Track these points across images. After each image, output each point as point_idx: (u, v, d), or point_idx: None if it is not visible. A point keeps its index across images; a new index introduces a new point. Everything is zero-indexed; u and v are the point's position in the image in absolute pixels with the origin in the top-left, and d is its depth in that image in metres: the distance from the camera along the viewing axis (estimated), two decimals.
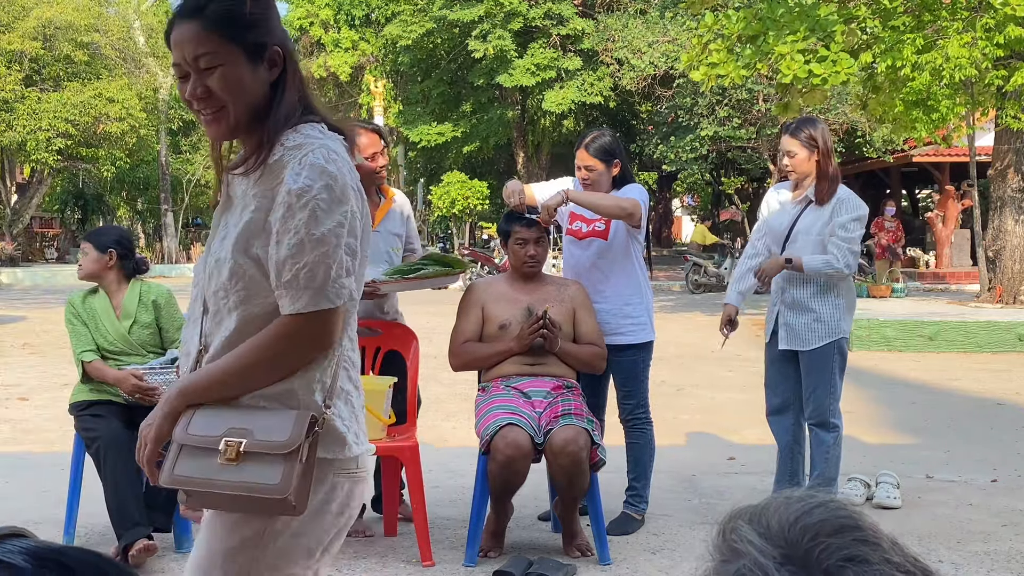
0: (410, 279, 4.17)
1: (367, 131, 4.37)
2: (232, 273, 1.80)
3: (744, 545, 0.76)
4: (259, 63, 1.80)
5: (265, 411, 1.78)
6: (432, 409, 7.16)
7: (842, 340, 4.51)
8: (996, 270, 13.47)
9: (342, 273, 1.76)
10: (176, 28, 1.80)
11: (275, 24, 1.85)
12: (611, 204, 4.32)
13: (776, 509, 0.78)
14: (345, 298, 1.77)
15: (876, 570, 0.72)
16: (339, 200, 1.75)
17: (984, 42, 10.08)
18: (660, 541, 4.29)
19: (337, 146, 1.81)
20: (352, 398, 1.90)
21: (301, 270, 1.73)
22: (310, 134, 1.81)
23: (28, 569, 0.66)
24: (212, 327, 1.86)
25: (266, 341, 1.76)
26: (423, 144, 27.74)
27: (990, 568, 3.95)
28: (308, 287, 1.73)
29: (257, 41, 1.80)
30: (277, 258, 1.75)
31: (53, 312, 14.70)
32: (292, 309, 1.75)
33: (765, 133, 22.23)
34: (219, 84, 1.78)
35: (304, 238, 1.73)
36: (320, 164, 1.75)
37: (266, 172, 1.79)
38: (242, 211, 1.82)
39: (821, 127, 4.55)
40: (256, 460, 1.73)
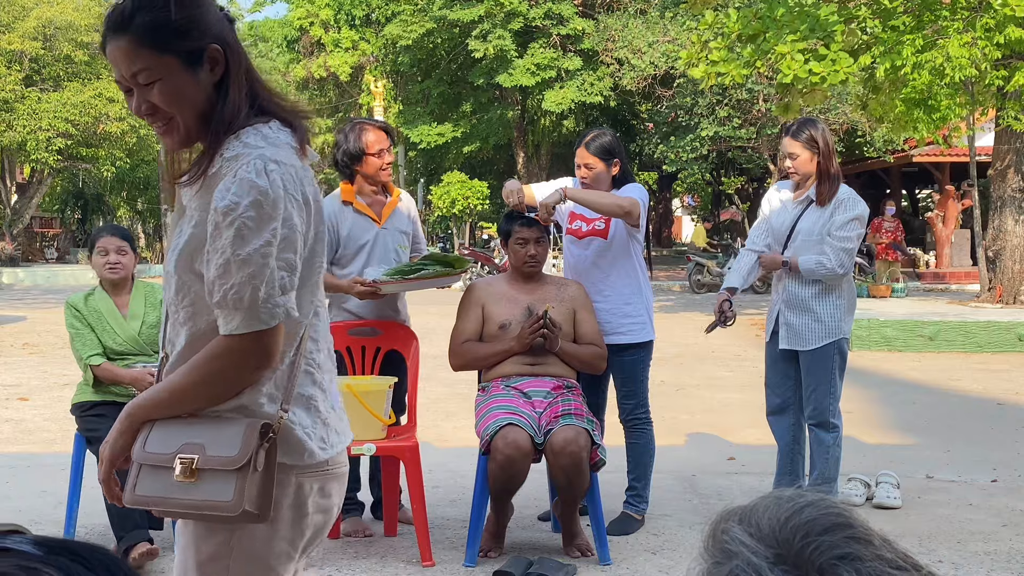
0: (411, 279, 4.17)
1: (374, 128, 4.36)
2: (178, 289, 1.79)
3: (736, 546, 0.76)
4: (199, 67, 1.73)
5: (219, 423, 1.76)
6: (432, 409, 7.16)
7: (842, 340, 4.51)
8: (996, 270, 13.47)
9: (275, 292, 1.70)
10: (109, 44, 1.74)
11: (209, 21, 1.75)
12: (609, 202, 4.32)
13: (766, 509, 0.78)
14: (280, 317, 1.71)
15: (869, 567, 0.72)
16: (268, 217, 1.69)
17: (984, 42, 10.07)
18: (660, 541, 4.29)
19: (279, 153, 1.74)
20: (317, 403, 1.85)
21: (229, 291, 1.69)
22: (250, 142, 1.74)
23: (39, 555, 0.68)
24: (171, 335, 1.85)
25: (206, 361, 1.74)
26: (423, 145, 27.73)
27: (990, 568, 3.95)
28: (237, 308, 1.69)
29: (191, 47, 1.72)
30: (208, 278, 1.72)
31: (53, 312, 14.70)
32: (226, 330, 1.72)
33: (765, 133, 22.23)
34: (161, 98, 1.73)
35: (230, 258, 1.68)
36: (250, 179, 1.69)
37: (205, 184, 1.75)
38: (187, 223, 1.79)
39: (822, 128, 4.56)
40: (211, 476, 1.72)
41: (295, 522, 1.82)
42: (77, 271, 23.44)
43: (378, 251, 4.33)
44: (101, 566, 0.69)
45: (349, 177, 4.40)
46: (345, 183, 4.42)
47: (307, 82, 32.19)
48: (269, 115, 1.80)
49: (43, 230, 33.88)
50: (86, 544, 0.71)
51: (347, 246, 4.32)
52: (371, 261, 4.30)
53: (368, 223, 4.36)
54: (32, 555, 0.68)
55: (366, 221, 4.36)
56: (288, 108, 1.83)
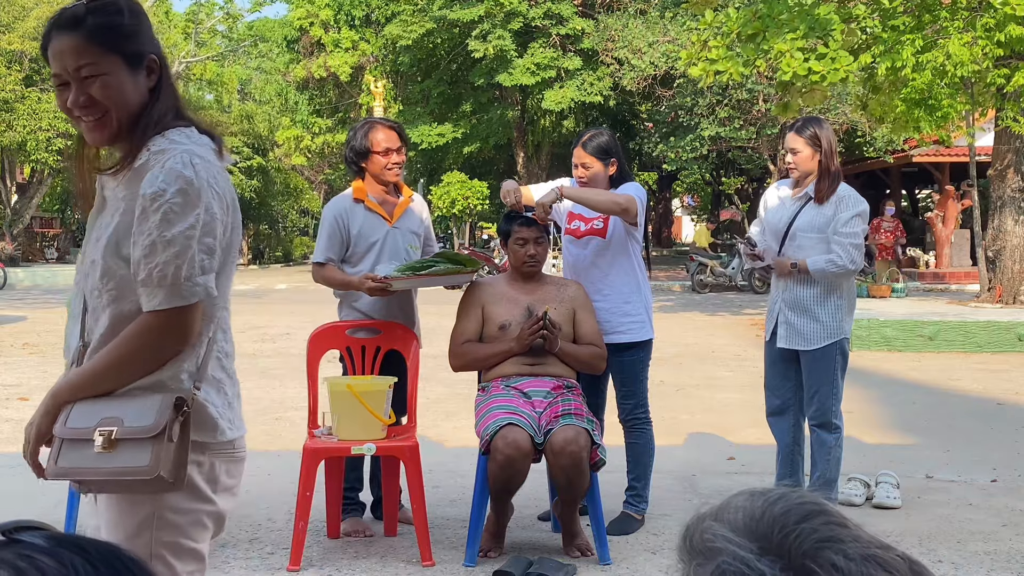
0: (422, 276, 4.17)
1: (385, 127, 4.37)
2: (103, 273, 1.92)
3: (720, 542, 0.76)
4: (139, 70, 1.91)
5: (136, 399, 1.91)
6: (432, 409, 7.16)
7: (843, 341, 4.52)
8: (996, 270, 13.47)
9: (195, 272, 1.86)
10: (56, 39, 1.88)
11: (150, 34, 1.96)
12: (605, 199, 4.32)
13: (739, 508, 0.79)
14: (200, 295, 1.88)
15: (851, 547, 0.74)
16: (192, 204, 1.85)
17: (984, 41, 10.08)
18: (660, 541, 4.29)
19: (203, 151, 1.91)
20: (224, 387, 2.02)
21: (154, 269, 1.85)
22: (175, 139, 1.91)
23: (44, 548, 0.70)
24: (90, 324, 1.98)
25: (128, 338, 1.88)
26: (423, 145, 27.74)
27: (990, 568, 3.95)
28: (161, 285, 1.85)
29: (136, 50, 1.91)
30: (134, 258, 1.87)
31: (53, 312, 14.72)
32: (149, 306, 1.87)
33: (765, 133, 22.23)
34: (101, 92, 1.88)
35: (156, 239, 1.84)
36: (177, 169, 1.85)
37: (133, 175, 1.90)
38: (113, 213, 1.93)
39: (826, 127, 4.57)
40: (129, 446, 1.86)
41: (209, 496, 1.97)
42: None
43: (388, 250, 4.33)
44: (105, 562, 0.69)
45: (358, 174, 4.41)
46: (357, 180, 4.43)
47: (307, 82, 32.17)
48: (189, 123, 1.97)
49: (43, 230, 33.88)
50: (97, 541, 0.73)
51: (357, 244, 4.33)
52: (381, 260, 4.30)
53: (379, 221, 4.36)
54: (37, 547, 0.69)
55: (377, 219, 4.36)
56: (205, 122, 2.03)
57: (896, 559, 0.74)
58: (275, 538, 4.24)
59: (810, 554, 0.73)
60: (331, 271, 4.32)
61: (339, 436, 4.00)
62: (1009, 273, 13.14)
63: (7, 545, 0.70)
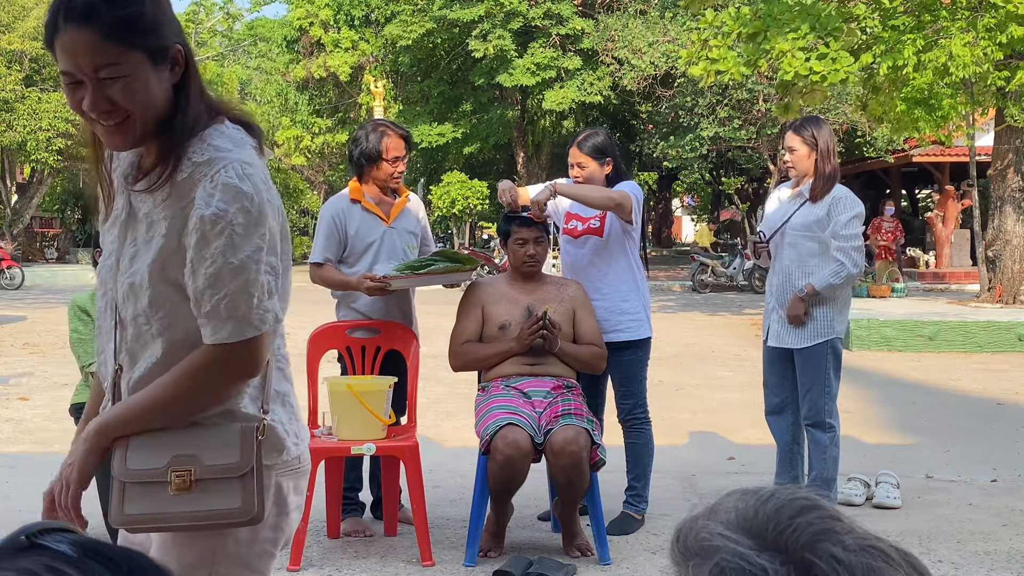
0: (421, 274, 4.17)
1: (396, 135, 4.35)
2: (152, 302, 1.72)
3: (717, 540, 0.76)
4: (163, 65, 1.66)
5: (205, 429, 1.72)
6: (432, 409, 7.16)
7: (835, 340, 4.51)
8: (996, 270, 13.46)
9: (264, 297, 1.68)
10: (65, 32, 1.59)
11: (173, 21, 1.69)
12: (600, 195, 4.32)
13: (732, 507, 0.79)
14: (270, 322, 1.69)
15: (846, 539, 0.74)
16: (256, 222, 1.66)
17: (986, 41, 10.07)
18: (660, 541, 4.29)
19: (248, 155, 1.71)
20: (289, 398, 1.85)
21: (221, 301, 1.65)
22: (219, 145, 1.69)
23: (70, 556, 0.68)
24: (134, 347, 1.77)
25: (191, 371, 1.68)
26: (423, 145, 27.74)
27: (990, 568, 3.95)
28: (231, 317, 1.65)
29: (160, 44, 1.64)
30: (195, 288, 1.67)
31: (53, 312, 14.71)
32: (214, 339, 1.67)
33: (765, 133, 22.23)
34: (123, 95, 1.62)
35: (222, 267, 1.64)
36: (234, 184, 1.65)
37: (175, 190, 1.68)
38: (149, 230, 1.72)
39: (825, 128, 4.57)
40: (211, 485, 1.69)
41: (277, 521, 1.80)
42: (77, 271, 23.44)
43: (385, 250, 4.33)
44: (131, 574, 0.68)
45: (360, 175, 4.40)
46: (355, 181, 4.42)
47: (307, 82, 32.16)
48: (220, 114, 1.75)
49: (43, 230, 33.86)
50: (125, 550, 0.71)
51: (355, 245, 4.32)
52: (379, 260, 4.30)
53: (376, 222, 4.36)
54: (64, 555, 0.67)
55: (374, 220, 4.36)
56: (236, 109, 1.80)
57: (891, 549, 0.75)
58: None
59: (808, 547, 0.73)
60: (329, 271, 4.31)
61: (339, 436, 4.00)
62: (1009, 273, 13.13)
63: (31, 550, 0.68)
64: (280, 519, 1.81)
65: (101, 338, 1.85)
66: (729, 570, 0.74)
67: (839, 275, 4.43)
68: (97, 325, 1.88)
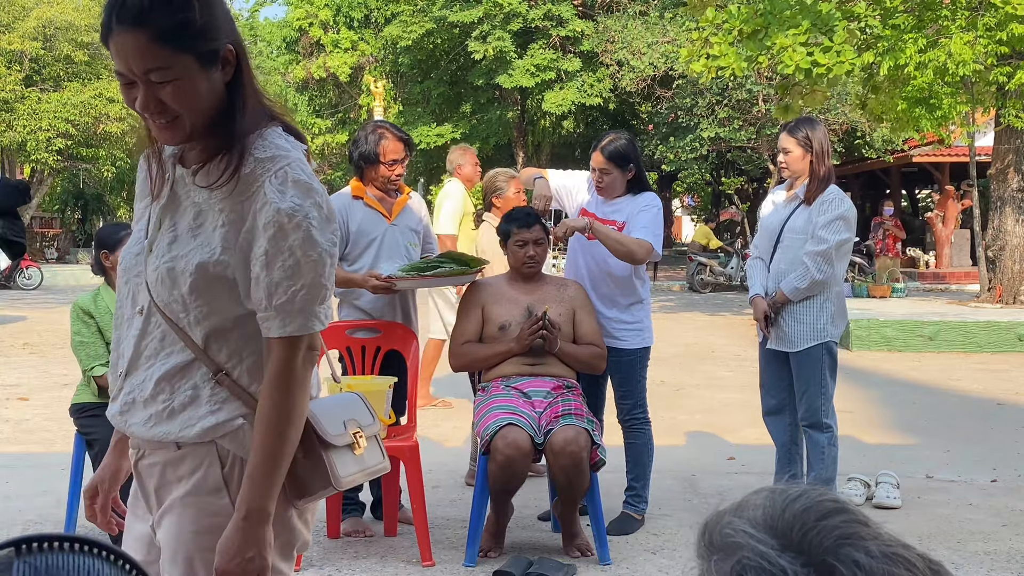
0: (427, 276, 4.18)
1: (395, 138, 4.35)
2: (193, 288, 1.71)
3: (742, 537, 0.76)
4: (213, 67, 1.66)
5: (337, 398, 2.00)
6: (432, 409, 7.16)
7: (831, 343, 4.49)
8: (996, 270, 13.46)
9: (328, 296, 1.73)
10: (118, 35, 1.61)
11: (225, 21, 1.69)
12: (624, 250, 4.29)
13: (759, 504, 0.79)
14: (329, 318, 1.75)
15: (872, 545, 0.74)
16: (328, 218, 1.71)
17: (986, 40, 10.08)
18: (660, 541, 4.29)
19: (301, 156, 1.74)
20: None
21: (298, 292, 1.67)
22: (279, 144, 1.72)
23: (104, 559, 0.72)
24: (156, 337, 1.76)
25: (275, 375, 1.69)
26: (423, 145, 27.74)
27: (990, 568, 3.95)
28: (303, 309, 1.68)
29: (211, 48, 1.65)
30: (269, 280, 1.67)
31: (53, 312, 14.71)
32: (283, 332, 1.68)
33: (765, 134, 22.22)
34: (173, 97, 1.63)
35: (301, 259, 1.67)
36: (305, 181, 1.69)
37: (239, 184, 1.69)
38: (197, 218, 1.73)
39: (820, 129, 4.56)
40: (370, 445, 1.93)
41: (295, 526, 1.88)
42: (77, 271, 23.41)
43: (387, 247, 4.33)
44: None
45: (360, 175, 4.41)
46: (355, 179, 4.44)
47: (307, 83, 32.16)
48: (275, 119, 1.77)
49: (43, 230, 33.85)
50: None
51: (356, 241, 4.33)
52: (380, 257, 4.30)
53: (378, 218, 4.36)
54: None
55: (376, 216, 4.36)
56: (289, 116, 1.83)
57: (917, 558, 0.74)
58: None
59: (831, 551, 0.73)
60: None
61: None
62: (1009, 273, 13.13)
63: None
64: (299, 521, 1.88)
65: (120, 328, 1.84)
66: (749, 568, 0.74)
67: (803, 279, 4.40)
68: (116, 315, 1.87)
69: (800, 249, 4.46)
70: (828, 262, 4.39)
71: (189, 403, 1.73)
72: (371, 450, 1.93)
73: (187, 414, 1.73)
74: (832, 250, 4.38)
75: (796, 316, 4.49)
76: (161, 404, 1.74)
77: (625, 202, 4.49)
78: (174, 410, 1.74)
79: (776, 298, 4.49)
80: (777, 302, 4.48)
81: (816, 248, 4.38)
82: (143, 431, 1.76)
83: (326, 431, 1.81)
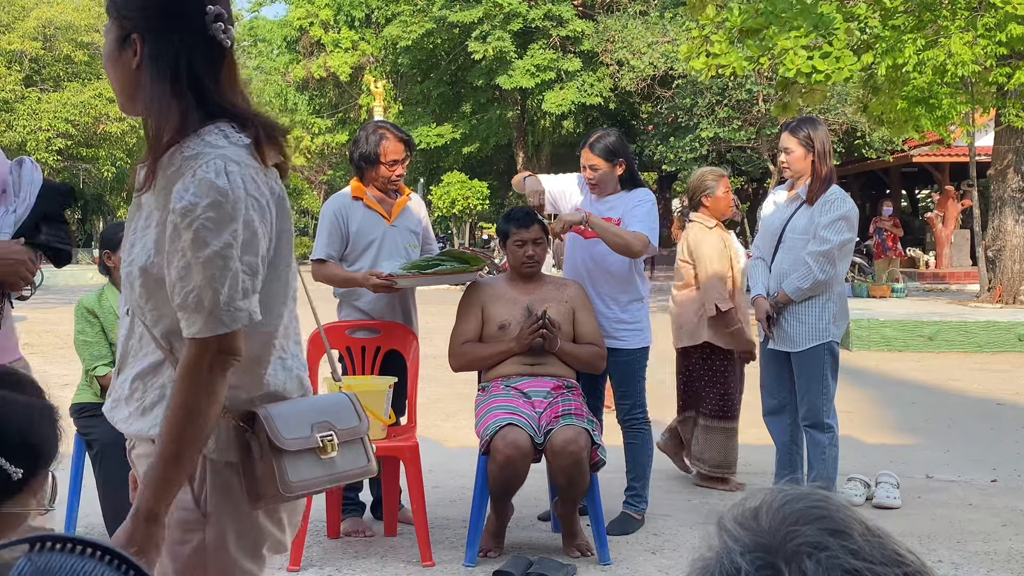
0: (427, 274, 4.18)
1: (396, 138, 4.35)
2: (142, 292, 1.76)
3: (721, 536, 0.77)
4: (126, 49, 1.74)
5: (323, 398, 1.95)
6: (432, 409, 7.16)
7: (832, 343, 4.49)
8: (996, 270, 13.47)
9: (236, 295, 1.67)
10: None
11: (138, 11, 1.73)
12: (621, 242, 4.30)
13: (764, 502, 0.80)
14: (242, 321, 1.68)
15: (830, 555, 0.73)
16: (229, 217, 1.65)
17: (985, 40, 10.08)
18: (660, 541, 4.29)
19: (238, 153, 1.71)
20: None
21: (190, 294, 1.66)
22: (209, 141, 1.70)
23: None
24: (132, 339, 1.83)
25: (182, 372, 1.69)
26: (423, 146, 27.76)
27: (990, 568, 3.95)
28: (198, 311, 1.66)
29: (126, 29, 1.74)
30: (169, 280, 1.69)
31: (53, 312, 14.71)
32: (188, 333, 1.68)
33: (765, 134, 22.22)
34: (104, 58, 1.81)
35: (190, 260, 1.65)
36: (209, 179, 1.65)
37: (166, 182, 1.71)
38: (146, 219, 1.76)
39: (821, 129, 4.56)
40: (346, 447, 1.90)
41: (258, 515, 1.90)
42: (77, 271, 23.43)
43: (387, 248, 4.33)
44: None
45: (360, 176, 4.41)
46: (355, 180, 4.44)
47: (307, 82, 32.17)
48: (223, 117, 1.75)
49: None
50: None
51: (356, 242, 4.33)
52: (380, 257, 4.30)
53: (378, 219, 4.36)
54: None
55: (375, 217, 4.36)
56: (244, 110, 1.78)
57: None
58: None
59: (790, 555, 0.73)
60: (332, 268, 4.31)
61: None
62: (1009, 273, 13.13)
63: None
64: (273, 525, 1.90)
65: (120, 329, 1.90)
66: (709, 566, 0.75)
67: (806, 279, 4.41)
68: (119, 315, 1.94)
69: (802, 249, 4.45)
70: (830, 262, 4.39)
71: (158, 401, 1.78)
72: (349, 454, 1.89)
73: (156, 412, 1.78)
74: (835, 250, 4.38)
75: (798, 316, 4.49)
76: (136, 402, 1.81)
77: (619, 199, 4.49)
78: (146, 408, 1.79)
79: (778, 298, 4.48)
80: (779, 302, 4.48)
81: (818, 248, 4.38)
82: (125, 427, 1.84)
83: (279, 436, 1.76)
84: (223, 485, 1.79)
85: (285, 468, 1.77)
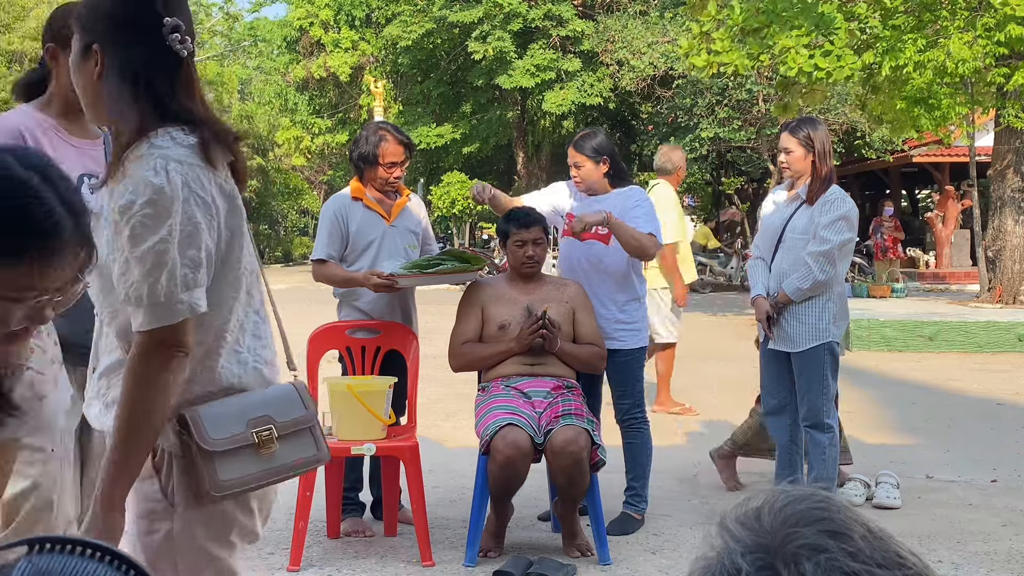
0: (428, 274, 4.18)
1: (395, 140, 4.35)
2: (99, 290, 1.84)
3: (723, 535, 0.77)
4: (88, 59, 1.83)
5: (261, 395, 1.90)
6: (432, 409, 7.16)
7: (832, 343, 4.49)
8: (996, 270, 13.46)
9: (176, 289, 1.73)
10: None
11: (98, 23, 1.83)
12: (635, 245, 4.32)
13: (766, 502, 0.80)
14: (184, 313, 1.74)
15: (828, 557, 0.73)
16: (163, 214, 1.72)
17: (985, 41, 10.08)
18: (660, 541, 4.29)
19: (181, 153, 1.77)
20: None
21: (130, 289, 1.74)
22: (156, 143, 1.77)
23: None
24: (99, 338, 1.91)
25: (129, 368, 1.75)
26: (423, 146, 27.75)
27: (990, 568, 3.95)
28: (139, 305, 1.73)
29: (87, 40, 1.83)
30: (115, 276, 1.77)
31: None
32: (134, 327, 1.76)
33: (765, 134, 22.22)
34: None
35: (128, 256, 1.73)
36: (147, 177, 1.73)
37: (117, 184, 1.78)
38: (105, 220, 1.82)
39: (821, 129, 4.55)
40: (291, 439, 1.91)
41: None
42: None
43: (386, 248, 4.34)
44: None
45: (359, 176, 4.42)
46: (355, 180, 4.44)
47: (307, 82, 32.15)
48: (176, 121, 1.81)
49: None
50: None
51: (355, 243, 4.33)
52: (379, 258, 4.31)
53: (377, 219, 4.37)
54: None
55: (375, 217, 4.37)
56: (196, 114, 1.84)
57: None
58: (275, 538, 4.24)
59: (788, 557, 0.73)
60: (333, 268, 4.32)
61: (339, 436, 4.00)
62: (1009, 273, 13.13)
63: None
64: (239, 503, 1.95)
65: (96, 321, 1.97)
66: (711, 566, 0.75)
67: (806, 279, 4.40)
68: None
69: (802, 249, 4.45)
70: (831, 262, 4.39)
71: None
72: (294, 445, 1.91)
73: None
74: (835, 250, 4.38)
75: (798, 316, 4.48)
76: (102, 399, 1.87)
77: (611, 198, 4.50)
78: (109, 404, 1.84)
79: (778, 299, 4.48)
80: (779, 303, 4.48)
81: (819, 248, 4.38)
82: (96, 423, 1.89)
83: (205, 437, 1.80)
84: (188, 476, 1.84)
85: (215, 468, 1.80)
